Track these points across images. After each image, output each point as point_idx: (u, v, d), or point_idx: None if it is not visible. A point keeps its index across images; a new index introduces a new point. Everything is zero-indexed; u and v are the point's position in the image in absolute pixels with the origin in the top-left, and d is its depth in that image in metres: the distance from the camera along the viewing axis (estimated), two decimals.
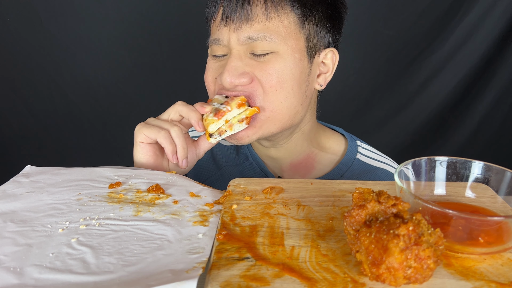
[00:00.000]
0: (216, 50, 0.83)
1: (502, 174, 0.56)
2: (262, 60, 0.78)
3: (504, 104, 1.88)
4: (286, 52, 0.78)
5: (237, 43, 0.78)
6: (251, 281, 0.42)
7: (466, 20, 1.78)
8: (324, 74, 0.87)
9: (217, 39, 0.81)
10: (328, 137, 0.99)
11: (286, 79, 0.79)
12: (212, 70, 0.84)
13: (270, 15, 0.77)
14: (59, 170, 0.70)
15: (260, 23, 0.77)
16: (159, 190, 0.64)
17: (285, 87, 0.79)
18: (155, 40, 1.80)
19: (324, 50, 0.85)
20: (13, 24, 1.73)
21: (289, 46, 0.78)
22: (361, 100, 1.94)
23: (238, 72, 0.78)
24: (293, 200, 0.61)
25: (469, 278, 0.44)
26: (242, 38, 0.77)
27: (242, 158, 1.00)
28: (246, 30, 0.77)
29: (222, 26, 0.79)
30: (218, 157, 1.02)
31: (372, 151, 0.99)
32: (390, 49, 1.84)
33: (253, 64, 0.78)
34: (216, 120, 0.77)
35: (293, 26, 0.79)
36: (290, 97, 0.80)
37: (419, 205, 0.48)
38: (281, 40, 0.78)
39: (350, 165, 0.94)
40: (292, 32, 0.79)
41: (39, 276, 0.45)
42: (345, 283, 0.42)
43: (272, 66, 0.78)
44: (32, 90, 1.85)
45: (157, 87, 1.88)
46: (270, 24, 0.77)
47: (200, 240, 0.52)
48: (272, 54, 0.78)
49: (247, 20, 0.76)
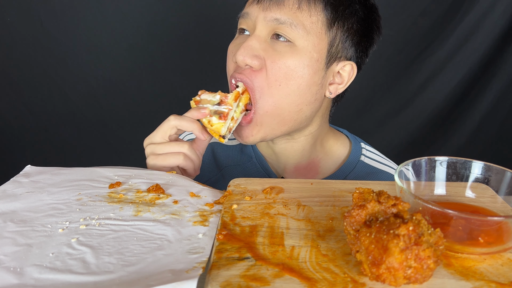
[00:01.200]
0: (242, 23, 0.83)
1: (502, 174, 0.56)
2: (279, 50, 0.78)
3: (504, 104, 1.88)
4: (305, 47, 0.78)
5: (263, 21, 0.78)
6: (251, 281, 0.42)
7: (466, 20, 1.78)
8: (336, 84, 0.85)
9: (246, 13, 0.81)
10: (336, 141, 0.98)
11: (294, 77, 0.78)
12: (233, 46, 0.85)
13: (302, 6, 0.77)
14: (59, 170, 0.70)
15: (290, 10, 0.77)
16: (159, 190, 0.64)
17: (290, 84, 0.78)
18: (155, 40, 1.80)
19: (344, 61, 0.84)
20: (13, 24, 1.73)
21: (310, 42, 0.78)
22: (361, 100, 1.93)
23: (253, 53, 0.77)
24: (293, 200, 0.61)
25: (469, 278, 0.44)
26: (269, 17, 0.77)
27: (246, 158, 0.99)
28: (275, 11, 0.77)
29: (254, 3, 0.80)
30: (220, 157, 1.02)
31: (376, 153, 0.99)
32: (390, 49, 1.84)
33: (269, 51, 0.78)
34: (223, 123, 0.78)
35: (320, 24, 0.78)
36: (292, 95, 0.79)
37: (419, 205, 0.48)
38: (305, 33, 0.77)
39: (353, 167, 0.94)
40: (317, 29, 0.78)
41: (39, 276, 0.45)
42: (345, 283, 0.42)
43: (285, 61, 0.77)
44: (32, 90, 1.85)
45: (157, 87, 1.89)
46: (299, 14, 0.77)
47: (200, 240, 0.52)
48: (290, 46, 0.77)
49: (278, 3, 0.77)
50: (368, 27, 0.85)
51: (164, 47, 1.81)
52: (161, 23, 1.77)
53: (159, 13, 1.75)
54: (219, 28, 1.78)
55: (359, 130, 1.04)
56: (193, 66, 1.83)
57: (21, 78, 1.82)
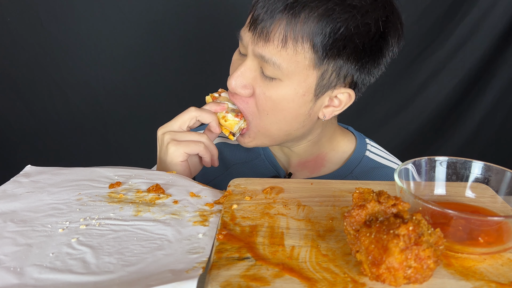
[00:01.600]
0: (240, 47, 0.82)
1: (502, 174, 0.56)
2: (266, 82, 0.77)
3: (504, 104, 1.88)
4: (290, 84, 0.75)
5: (252, 53, 0.77)
6: (251, 281, 0.42)
7: (466, 20, 1.78)
8: (333, 107, 0.82)
9: (241, 38, 0.79)
10: (343, 137, 0.98)
11: (280, 109, 0.78)
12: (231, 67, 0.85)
13: (287, 44, 0.71)
14: (59, 170, 0.70)
15: (276, 48, 0.72)
16: (159, 190, 0.64)
17: (277, 114, 0.79)
18: (155, 40, 1.80)
19: (340, 88, 0.79)
20: (13, 24, 1.72)
21: (295, 80, 0.75)
22: (361, 100, 1.93)
23: (243, 83, 0.78)
24: (293, 200, 0.61)
25: (469, 278, 0.44)
26: (256, 52, 0.75)
27: (254, 155, 1.00)
28: (261, 47, 0.74)
29: (246, 30, 0.77)
30: (226, 155, 1.02)
31: (380, 149, 1.00)
32: None
33: (258, 81, 0.77)
34: (237, 121, 0.81)
35: (307, 62, 0.73)
36: (279, 123, 0.80)
37: (419, 205, 0.48)
38: (289, 72, 0.74)
39: (359, 162, 0.94)
40: (303, 68, 0.73)
41: (39, 276, 0.45)
42: (345, 283, 0.42)
43: (271, 95, 0.77)
44: (32, 90, 1.85)
45: (157, 87, 1.88)
46: (284, 52, 0.72)
47: (200, 240, 0.52)
48: (276, 81, 0.76)
49: (265, 39, 0.73)
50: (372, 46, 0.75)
51: (164, 47, 1.81)
52: (161, 23, 1.77)
53: (159, 13, 1.75)
54: (220, 28, 1.78)
55: (359, 130, 1.04)
56: (193, 66, 1.83)
57: (21, 78, 1.82)
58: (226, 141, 1.04)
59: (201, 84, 1.84)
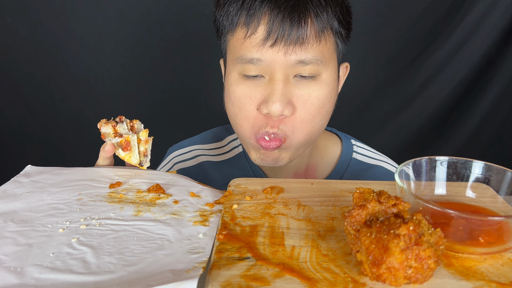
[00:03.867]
0: (251, 70, 0.73)
1: (502, 174, 0.56)
2: (306, 87, 0.74)
3: (505, 104, 1.88)
4: (328, 75, 0.75)
5: (285, 65, 0.71)
6: (252, 281, 0.42)
7: (467, 20, 1.78)
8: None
9: (258, 59, 0.72)
10: (328, 141, 0.98)
11: (325, 104, 0.76)
12: (248, 90, 0.75)
13: (320, 38, 0.72)
14: (60, 170, 0.70)
15: (313, 46, 0.71)
16: (159, 190, 0.64)
17: (322, 112, 0.77)
18: (155, 40, 1.80)
19: (342, 64, 0.84)
20: (13, 24, 1.73)
21: (331, 68, 0.76)
22: (361, 100, 1.93)
23: (286, 101, 0.72)
24: (294, 200, 0.61)
25: (470, 278, 0.44)
26: (292, 61, 0.71)
27: (240, 171, 0.97)
28: (299, 53, 0.70)
29: (266, 47, 0.70)
30: (212, 175, 0.99)
31: (367, 149, 0.99)
32: (390, 49, 1.84)
33: (296, 93, 0.73)
34: (129, 153, 0.72)
35: (333, 47, 0.76)
36: (323, 119, 0.79)
37: (420, 205, 0.48)
38: (327, 63, 0.74)
39: (347, 166, 0.94)
40: (332, 53, 0.76)
41: (39, 276, 0.45)
42: (345, 283, 0.42)
43: (316, 95, 0.74)
44: (32, 90, 1.85)
45: (157, 87, 1.89)
46: (320, 47, 0.72)
47: (201, 240, 0.52)
48: (315, 79, 0.74)
49: (300, 42, 0.70)
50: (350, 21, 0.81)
51: (164, 47, 1.81)
52: (161, 23, 1.77)
53: (159, 13, 1.75)
54: None
55: (359, 130, 1.05)
56: (193, 66, 1.83)
57: (21, 78, 1.82)
58: (210, 160, 1.01)
59: (201, 84, 1.84)
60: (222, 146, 1.03)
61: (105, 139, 0.73)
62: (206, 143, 1.05)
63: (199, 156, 1.02)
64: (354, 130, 1.06)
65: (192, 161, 1.02)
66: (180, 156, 1.04)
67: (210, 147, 1.04)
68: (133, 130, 0.74)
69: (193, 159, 1.02)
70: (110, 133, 0.72)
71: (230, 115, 0.82)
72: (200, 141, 1.06)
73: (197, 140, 1.06)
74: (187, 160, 1.03)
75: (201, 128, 1.11)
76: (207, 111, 1.87)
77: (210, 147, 1.04)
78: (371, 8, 1.76)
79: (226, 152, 1.02)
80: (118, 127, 0.72)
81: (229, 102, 0.79)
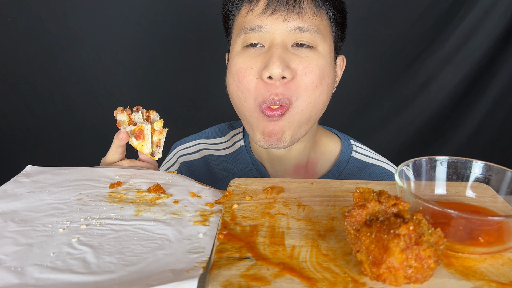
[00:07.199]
0: (253, 37, 0.79)
1: (502, 174, 0.56)
2: (305, 56, 0.78)
3: (505, 104, 1.88)
4: (324, 50, 0.80)
5: (283, 32, 0.77)
6: (252, 280, 0.42)
7: (467, 20, 1.78)
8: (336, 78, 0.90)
9: (259, 26, 0.78)
10: (329, 139, 0.99)
11: (325, 75, 0.80)
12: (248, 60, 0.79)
13: (316, 12, 0.79)
14: (60, 170, 0.70)
15: (310, 17, 0.78)
16: (159, 190, 0.64)
17: (323, 83, 0.80)
18: (155, 40, 1.81)
19: (338, 56, 0.89)
20: (13, 24, 1.73)
21: (327, 44, 0.81)
22: (361, 100, 1.94)
23: (286, 64, 0.76)
24: (294, 199, 0.61)
25: (470, 278, 0.44)
26: (290, 27, 0.77)
27: (242, 166, 0.99)
28: (297, 20, 0.77)
29: (266, 15, 0.77)
30: (215, 169, 1.01)
31: (366, 149, 1.00)
32: (390, 49, 1.84)
33: (296, 59, 0.78)
34: (142, 142, 0.74)
35: (328, 27, 0.82)
36: (324, 93, 0.81)
37: (420, 205, 0.48)
38: (322, 38, 0.80)
39: (346, 164, 0.95)
40: (328, 32, 0.82)
41: (39, 276, 0.45)
42: (345, 282, 0.42)
43: (316, 63, 0.78)
44: (32, 90, 1.85)
45: (157, 87, 1.89)
46: (315, 19, 0.79)
47: (201, 240, 0.52)
48: (313, 50, 0.79)
49: (297, 11, 0.77)
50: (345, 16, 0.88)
51: (164, 47, 1.81)
52: (161, 23, 1.77)
53: (159, 13, 1.75)
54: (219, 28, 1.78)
55: (359, 130, 1.05)
56: (193, 66, 1.83)
57: (21, 78, 1.82)
58: (213, 153, 1.03)
59: (201, 84, 1.84)
60: (225, 141, 1.06)
61: (120, 127, 0.75)
62: (210, 138, 1.08)
63: (203, 150, 1.04)
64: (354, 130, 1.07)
65: (196, 155, 1.04)
66: (184, 149, 1.06)
67: (213, 141, 1.07)
68: (148, 120, 0.76)
69: (197, 153, 1.05)
70: (125, 121, 0.75)
71: (232, 94, 0.84)
72: (204, 136, 1.09)
73: (201, 135, 1.09)
74: (191, 153, 1.05)
75: (201, 128, 1.12)
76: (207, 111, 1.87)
77: (213, 142, 1.07)
78: (371, 8, 1.76)
79: (228, 147, 1.04)
80: (133, 115, 0.75)
81: (231, 77, 0.82)
